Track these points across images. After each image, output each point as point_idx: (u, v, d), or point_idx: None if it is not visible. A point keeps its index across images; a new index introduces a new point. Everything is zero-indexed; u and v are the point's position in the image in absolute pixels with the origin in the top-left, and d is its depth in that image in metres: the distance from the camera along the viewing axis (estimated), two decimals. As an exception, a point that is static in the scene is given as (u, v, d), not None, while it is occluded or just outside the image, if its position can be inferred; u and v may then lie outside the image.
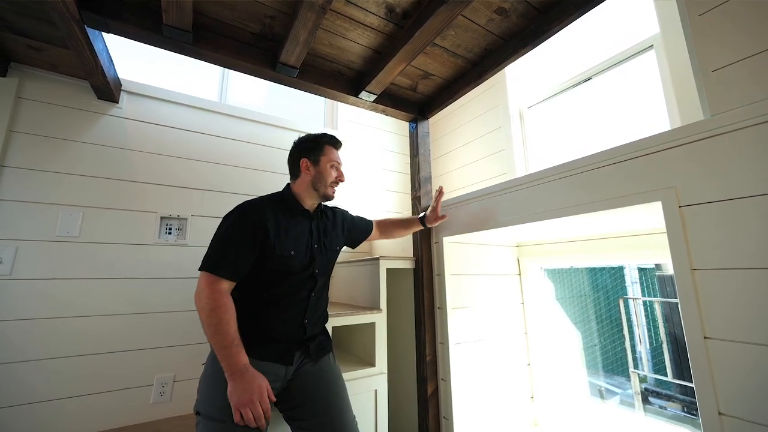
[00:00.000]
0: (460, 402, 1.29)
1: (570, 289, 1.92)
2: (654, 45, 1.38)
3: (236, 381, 0.79)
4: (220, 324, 0.81)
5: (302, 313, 0.97)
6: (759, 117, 0.63)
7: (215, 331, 0.81)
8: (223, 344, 0.80)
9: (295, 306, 0.96)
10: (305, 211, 1.03)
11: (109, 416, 1.35)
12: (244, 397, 0.77)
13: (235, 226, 0.89)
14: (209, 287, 0.83)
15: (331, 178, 1.03)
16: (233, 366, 0.79)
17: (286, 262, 0.93)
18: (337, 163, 1.05)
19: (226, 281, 0.85)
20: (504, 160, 1.91)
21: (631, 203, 0.79)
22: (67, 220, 1.38)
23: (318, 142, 1.04)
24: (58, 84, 1.45)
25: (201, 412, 0.83)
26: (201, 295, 0.83)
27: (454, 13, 1.04)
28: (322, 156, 1.03)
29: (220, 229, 0.90)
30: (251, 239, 0.88)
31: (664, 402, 1.91)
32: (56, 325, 1.32)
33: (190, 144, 1.69)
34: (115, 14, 1.05)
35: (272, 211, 0.95)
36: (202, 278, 0.85)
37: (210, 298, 0.82)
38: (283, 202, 1.01)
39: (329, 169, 1.03)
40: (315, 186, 1.01)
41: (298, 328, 0.96)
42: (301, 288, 0.97)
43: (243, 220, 0.90)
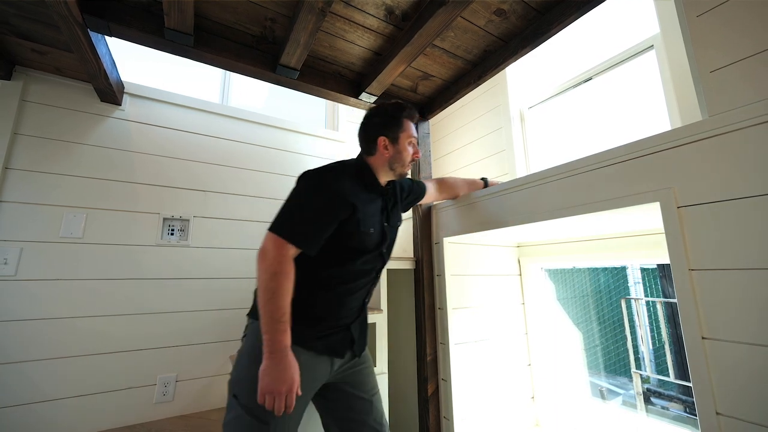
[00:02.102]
0: (460, 402, 1.30)
1: (572, 289, 1.92)
2: (654, 45, 1.37)
3: (273, 362, 0.72)
4: (277, 291, 0.74)
5: (366, 294, 0.94)
6: (757, 118, 0.63)
7: (271, 297, 0.74)
8: (275, 316, 0.74)
9: (362, 286, 0.91)
10: (381, 189, 0.96)
11: (112, 416, 1.36)
12: (274, 386, 0.72)
13: (319, 195, 0.82)
14: (276, 249, 0.76)
15: (410, 157, 0.95)
16: (276, 344, 0.73)
17: (365, 239, 0.87)
18: (415, 139, 0.96)
19: (294, 248, 0.78)
20: (505, 160, 1.91)
21: (630, 204, 0.79)
22: (70, 222, 1.40)
23: (397, 117, 0.94)
24: (62, 87, 1.47)
25: (240, 400, 0.76)
26: (266, 255, 0.76)
27: (453, 14, 1.04)
28: (402, 132, 0.94)
29: (299, 191, 0.83)
30: (334, 213, 0.81)
31: (666, 402, 1.90)
32: (60, 326, 1.33)
33: (193, 146, 1.70)
34: (118, 18, 1.06)
35: (352, 184, 0.88)
36: (269, 239, 0.77)
37: (275, 260, 0.75)
38: (360, 175, 0.92)
39: (407, 147, 0.94)
40: (392, 165, 0.94)
41: (358, 309, 0.93)
42: (372, 267, 0.92)
43: (328, 191, 0.82)
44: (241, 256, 1.72)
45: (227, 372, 1.59)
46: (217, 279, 1.64)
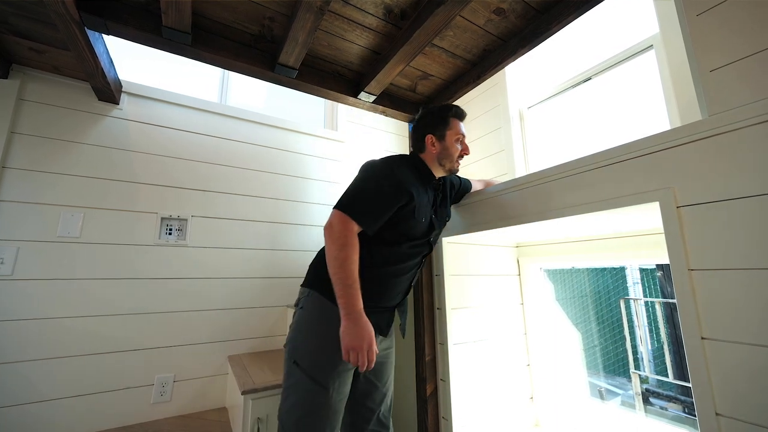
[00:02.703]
0: (459, 402, 1.29)
1: (571, 289, 1.92)
2: (654, 45, 1.37)
3: (352, 323, 0.79)
4: (347, 260, 0.80)
5: (413, 276, 0.99)
6: (757, 117, 0.63)
7: (341, 265, 0.80)
8: (347, 282, 0.80)
9: (410, 269, 0.97)
10: (434, 182, 1.03)
11: (109, 416, 1.35)
12: (356, 342, 0.78)
13: (383, 180, 0.88)
14: (341, 224, 0.82)
15: (458, 153, 1.01)
16: (351, 307, 0.79)
17: (416, 227, 0.93)
18: (462, 136, 1.02)
19: (357, 226, 0.83)
20: (504, 160, 1.90)
21: (629, 204, 0.79)
22: (68, 221, 1.39)
23: (443, 116, 1.02)
24: (60, 86, 1.46)
25: (302, 366, 0.83)
26: (333, 228, 0.82)
27: (452, 13, 1.04)
28: (448, 130, 1.01)
29: (366, 176, 0.90)
30: (395, 198, 0.87)
31: (665, 403, 1.90)
32: (57, 326, 1.33)
33: (191, 145, 1.69)
34: (115, 16, 1.05)
35: (411, 174, 0.95)
36: (336, 215, 0.83)
37: (342, 233, 0.81)
38: (416, 168, 1.00)
39: (455, 144, 1.00)
40: (441, 161, 1.01)
41: (405, 291, 0.99)
42: (420, 251, 0.98)
43: (393, 177, 0.89)
44: (240, 255, 1.72)
45: (225, 372, 1.58)
46: (215, 279, 1.64)
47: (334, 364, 0.83)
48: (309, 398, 0.82)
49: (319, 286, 0.90)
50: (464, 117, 1.05)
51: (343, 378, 0.85)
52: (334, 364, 0.83)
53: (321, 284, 0.89)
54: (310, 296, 0.90)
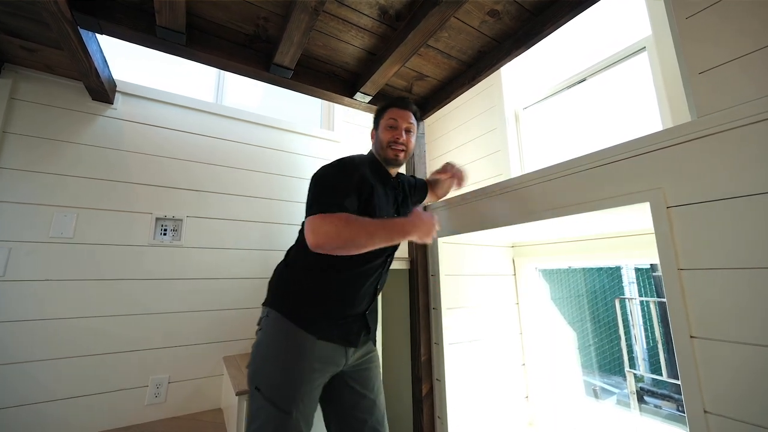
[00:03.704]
0: (454, 402, 1.30)
1: (566, 289, 1.93)
2: (646, 47, 1.39)
3: (411, 226, 0.80)
4: (361, 221, 0.76)
5: (377, 278, 0.96)
6: (745, 119, 0.64)
7: (363, 229, 0.75)
8: (381, 226, 0.78)
9: (372, 273, 0.93)
10: (391, 180, 1.01)
11: (103, 417, 1.34)
12: (426, 227, 0.81)
13: (343, 174, 0.85)
14: (320, 219, 0.76)
15: (388, 138, 0.96)
16: (402, 225, 0.80)
17: None
18: (394, 121, 0.97)
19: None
20: (499, 161, 1.91)
21: (620, 204, 0.80)
22: (60, 222, 1.38)
23: (382, 108, 1.01)
24: (52, 85, 1.45)
25: (263, 392, 0.79)
26: (318, 228, 0.75)
27: (446, 14, 1.04)
28: (382, 120, 0.99)
29: (325, 178, 0.85)
30: (357, 191, 0.84)
31: (659, 401, 1.92)
32: (50, 327, 1.31)
33: (186, 145, 1.69)
34: (108, 15, 1.05)
35: (368, 169, 0.92)
36: (315, 222, 0.76)
37: (330, 219, 0.75)
38: (373, 165, 0.97)
39: (385, 131, 0.97)
40: (378, 151, 0.99)
41: (371, 295, 0.95)
42: (382, 254, 0.93)
43: (350, 170, 0.86)
44: (235, 256, 1.71)
45: (220, 373, 1.58)
46: (210, 279, 1.63)
47: (296, 388, 0.79)
48: (272, 424, 0.77)
49: (277, 304, 0.85)
50: (406, 106, 1.00)
51: (308, 398, 0.81)
52: (296, 388, 0.79)
53: (279, 303, 0.85)
54: (269, 316, 0.85)
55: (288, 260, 0.93)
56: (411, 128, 1.00)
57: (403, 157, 0.98)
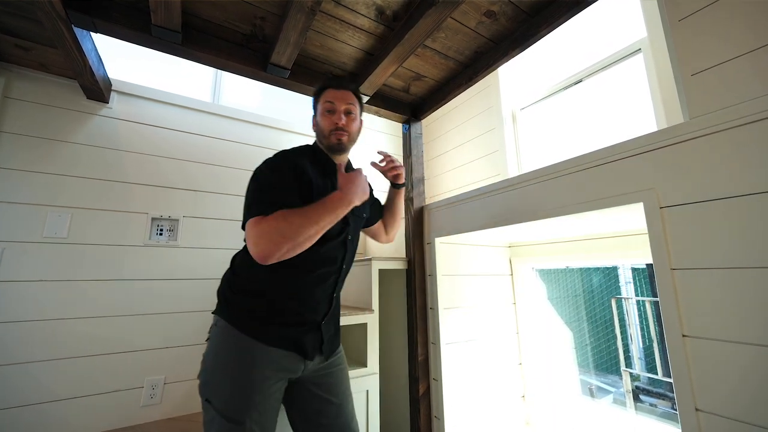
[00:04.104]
0: (451, 401, 1.30)
1: (563, 289, 1.94)
2: (642, 49, 1.40)
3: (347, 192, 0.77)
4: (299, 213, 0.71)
5: (333, 285, 0.89)
6: (736, 120, 0.65)
7: (306, 220, 0.71)
8: (322, 209, 0.73)
9: (328, 276, 0.87)
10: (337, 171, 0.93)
11: (98, 419, 1.34)
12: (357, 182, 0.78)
13: (276, 171, 0.79)
14: (257, 224, 0.71)
15: (329, 125, 0.88)
16: (340, 198, 0.76)
17: None
18: (331, 104, 0.88)
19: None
20: (497, 161, 1.92)
21: (615, 204, 0.80)
22: (54, 221, 1.37)
23: (318, 91, 0.92)
24: (47, 83, 1.44)
25: (213, 404, 0.74)
26: (260, 236, 0.69)
27: (443, 15, 1.04)
28: (318, 104, 0.91)
29: (259, 178, 0.79)
30: (296, 185, 0.79)
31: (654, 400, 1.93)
32: (44, 328, 1.30)
33: (182, 144, 1.68)
34: (103, 14, 1.04)
35: (308, 164, 0.85)
36: (249, 228, 0.71)
37: (267, 222, 0.70)
38: (315, 156, 0.90)
39: (325, 116, 0.89)
40: (320, 139, 0.91)
41: (327, 302, 0.88)
42: (336, 255, 0.88)
43: (282, 165, 0.81)
44: (231, 256, 1.71)
45: (217, 373, 1.57)
46: (207, 280, 1.63)
47: (248, 397, 0.74)
48: None
49: (225, 312, 0.81)
50: (343, 85, 0.91)
51: (264, 407, 0.76)
52: (248, 397, 0.74)
53: (226, 311, 0.81)
54: (217, 325, 0.81)
55: (234, 267, 0.88)
56: (351, 109, 0.91)
57: (346, 141, 0.90)
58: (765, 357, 0.58)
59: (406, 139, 1.71)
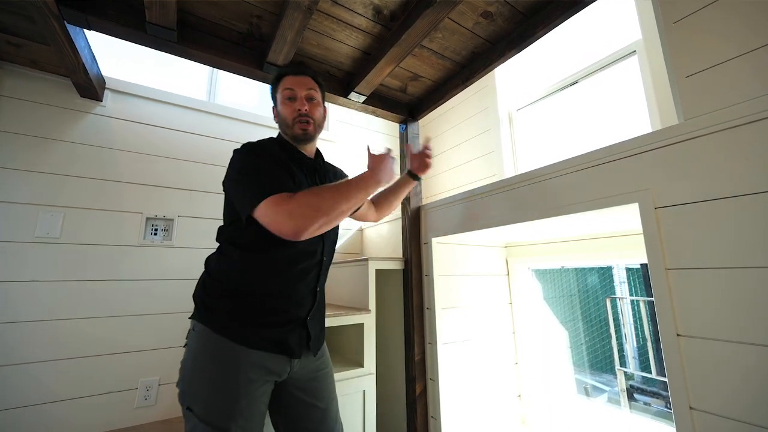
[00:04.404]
0: (448, 401, 1.30)
1: (559, 289, 1.95)
2: (636, 50, 1.41)
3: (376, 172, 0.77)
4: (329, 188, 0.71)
5: (316, 279, 0.86)
6: (730, 121, 0.65)
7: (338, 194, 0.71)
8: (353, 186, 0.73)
9: (309, 270, 0.84)
10: (307, 160, 0.90)
11: (92, 421, 1.32)
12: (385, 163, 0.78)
13: (254, 155, 0.77)
14: (286, 202, 0.69)
15: (291, 114, 0.85)
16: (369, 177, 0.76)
17: None
18: (291, 91, 0.85)
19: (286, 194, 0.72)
20: (493, 161, 1.93)
21: (610, 205, 0.81)
22: (46, 221, 1.35)
23: (276, 78, 0.89)
24: (39, 81, 1.42)
25: (195, 412, 0.71)
26: (292, 213, 0.68)
27: (440, 15, 1.05)
28: (278, 93, 0.87)
29: (246, 161, 0.77)
30: (276, 164, 0.77)
31: (648, 399, 1.95)
32: (35, 329, 1.29)
33: (178, 143, 1.66)
34: (97, 11, 1.03)
35: (278, 149, 0.84)
36: (270, 209, 0.69)
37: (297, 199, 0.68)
38: (284, 147, 0.87)
39: (286, 105, 0.86)
40: (284, 129, 0.88)
41: (311, 297, 0.85)
42: (315, 248, 0.85)
43: (261, 150, 0.79)
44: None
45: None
46: (202, 280, 1.61)
47: (232, 402, 0.71)
48: None
49: (202, 316, 0.78)
50: (302, 71, 0.88)
51: (250, 411, 0.73)
52: (232, 402, 0.71)
53: (203, 314, 0.77)
54: (195, 329, 0.78)
55: (209, 269, 0.85)
56: (313, 95, 0.87)
57: (313, 130, 0.87)
58: (759, 356, 0.59)
59: (403, 140, 1.71)
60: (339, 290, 1.65)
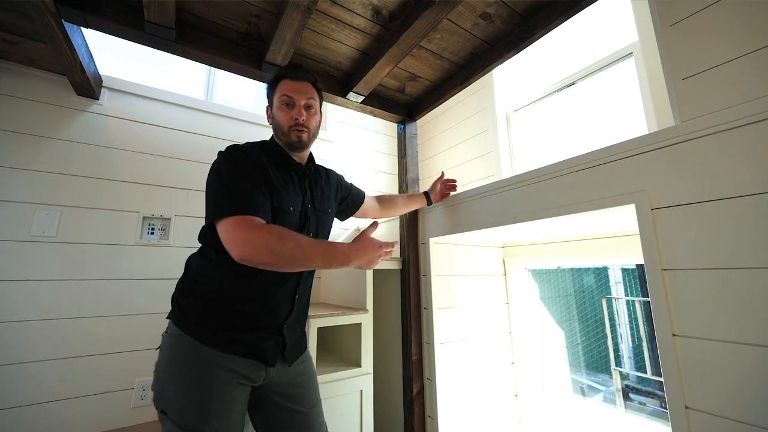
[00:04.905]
0: (445, 401, 1.31)
1: (555, 289, 1.96)
2: (633, 52, 1.42)
3: (355, 256, 0.72)
4: (298, 242, 0.68)
5: (295, 286, 0.84)
6: (726, 124, 0.66)
7: (302, 251, 0.67)
8: (321, 251, 0.69)
9: (288, 277, 0.82)
10: (297, 165, 0.88)
11: (88, 421, 1.31)
12: (372, 258, 0.74)
13: (242, 164, 0.75)
14: (247, 228, 0.67)
15: (287, 122, 0.83)
16: (343, 254, 0.71)
17: (283, 219, 0.79)
18: (287, 97, 0.83)
19: (258, 218, 0.71)
20: (491, 162, 1.93)
21: (607, 205, 0.82)
22: (43, 220, 1.34)
23: (274, 80, 0.87)
24: (36, 79, 1.41)
25: (169, 416, 0.70)
26: (246, 240, 0.66)
27: (439, 16, 1.05)
28: (274, 96, 0.86)
29: (224, 173, 0.75)
30: (258, 176, 0.76)
31: (643, 398, 1.96)
32: (31, 328, 1.28)
33: (175, 142, 1.66)
34: (95, 9, 1.02)
35: (264, 158, 0.81)
36: (231, 226, 0.68)
37: (259, 231, 0.67)
38: (273, 152, 0.86)
39: (282, 111, 0.84)
40: (278, 134, 0.86)
41: (288, 305, 0.83)
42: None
43: (243, 158, 0.77)
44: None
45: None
46: (199, 279, 1.61)
47: (205, 406, 0.70)
48: None
49: (176, 317, 0.76)
50: (301, 76, 0.85)
51: (225, 414, 0.72)
52: (205, 406, 0.70)
53: (178, 315, 0.76)
54: (168, 332, 0.77)
55: (189, 270, 0.83)
56: (311, 103, 0.86)
57: (307, 138, 0.86)
58: (754, 356, 0.60)
59: (401, 140, 1.71)
60: (336, 290, 1.65)
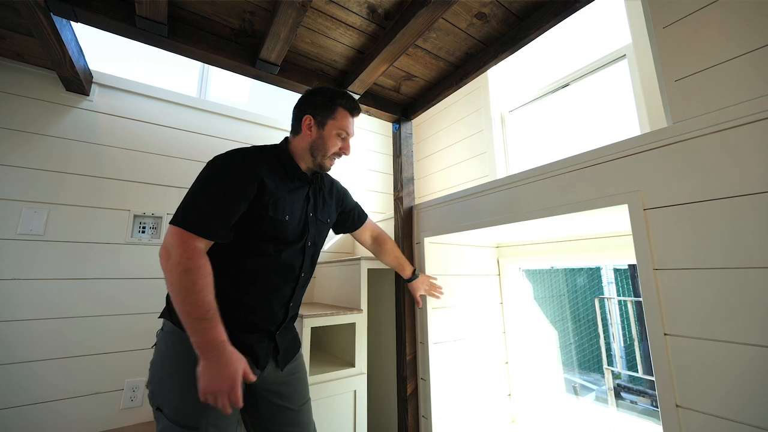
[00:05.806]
0: (439, 401, 1.31)
1: (549, 289, 1.98)
2: (626, 54, 1.43)
3: (209, 362, 0.66)
4: (192, 289, 0.67)
5: (290, 293, 0.85)
6: (718, 125, 0.67)
7: (185, 297, 0.66)
8: (195, 315, 0.66)
9: (284, 284, 0.83)
10: (303, 174, 0.89)
11: (77, 422, 1.29)
12: (215, 385, 0.66)
13: (224, 173, 0.75)
14: (182, 245, 0.68)
15: (335, 149, 0.88)
16: (207, 343, 0.66)
17: (278, 227, 0.80)
18: (346, 133, 0.89)
19: (202, 241, 0.71)
20: (485, 162, 1.94)
21: (600, 206, 0.82)
22: (30, 218, 1.31)
23: (332, 101, 0.88)
24: (23, 74, 1.38)
25: (165, 412, 0.71)
26: (171, 252, 0.68)
27: (435, 15, 1.05)
28: (331, 120, 0.87)
29: (203, 177, 0.75)
30: (242, 192, 0.74)
31: (635, 397, 1.99)
32: (19, 328, 1.25)
33: (167, 139, 1.63)
34: (85, 3, 1.00)
35: (268, 165, 0.81)
36: (173, 234, 0.70)
37: (183, 257, 0.67)
38: (278, 159, 0.86)
39: (334, 138, 0.87)
40: (313, 151, 0.87)
41: (282, 311, 0.84)
42: (293, 263, 0.84)
43: (235, 168, 0.76)
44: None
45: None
46: (191, 279, 1.59)
47: (201, 401, 0.70)
48: None
49: (171, 315, 0.77)
50: (356, 113, 0.92)
51: (218, 410, 0.71)
52: (201, 401, 0.70)
53: (173, 313, 0.76)
54: (164, 328, 0.79)
55: None
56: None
57: None
58: (745, 355, 0.60)
59: (396, 139, 1.71)
60: (331, 290, 1.64)
